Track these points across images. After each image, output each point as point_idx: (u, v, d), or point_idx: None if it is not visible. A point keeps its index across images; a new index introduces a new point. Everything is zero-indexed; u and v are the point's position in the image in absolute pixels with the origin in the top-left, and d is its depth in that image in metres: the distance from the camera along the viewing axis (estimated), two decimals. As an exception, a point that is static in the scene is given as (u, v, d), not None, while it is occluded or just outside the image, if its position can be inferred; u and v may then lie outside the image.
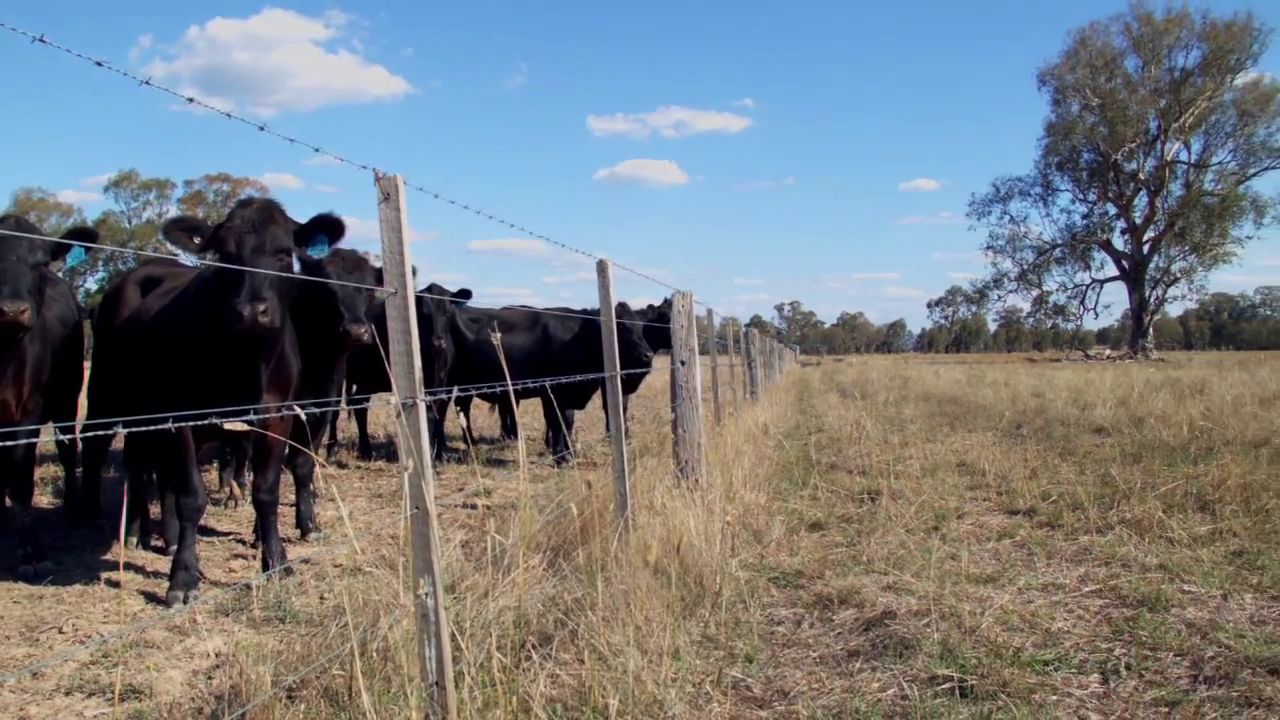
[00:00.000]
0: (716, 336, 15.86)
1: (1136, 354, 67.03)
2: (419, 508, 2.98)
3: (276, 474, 6.17)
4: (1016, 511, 7.45)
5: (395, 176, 2.99)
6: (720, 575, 5.13)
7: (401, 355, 2.99)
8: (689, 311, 7.43)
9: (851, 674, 4.05)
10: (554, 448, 11.61)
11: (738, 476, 7.52)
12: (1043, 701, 3.69)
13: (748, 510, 6.79)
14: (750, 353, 18.49)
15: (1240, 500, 7.24)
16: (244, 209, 5.35)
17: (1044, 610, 4.83)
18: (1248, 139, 69.00)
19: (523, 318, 12.24)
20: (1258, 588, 5.21)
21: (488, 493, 8.76)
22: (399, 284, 2.99)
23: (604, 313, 5.72)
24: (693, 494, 6.34)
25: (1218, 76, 67.75)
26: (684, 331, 7.36)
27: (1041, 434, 12.85)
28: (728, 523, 5.57)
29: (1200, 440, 10.81)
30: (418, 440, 2.96)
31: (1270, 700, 3.63)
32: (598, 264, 5.73)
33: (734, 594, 5.08)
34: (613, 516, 5.58)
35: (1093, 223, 73.84)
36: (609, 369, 5.70)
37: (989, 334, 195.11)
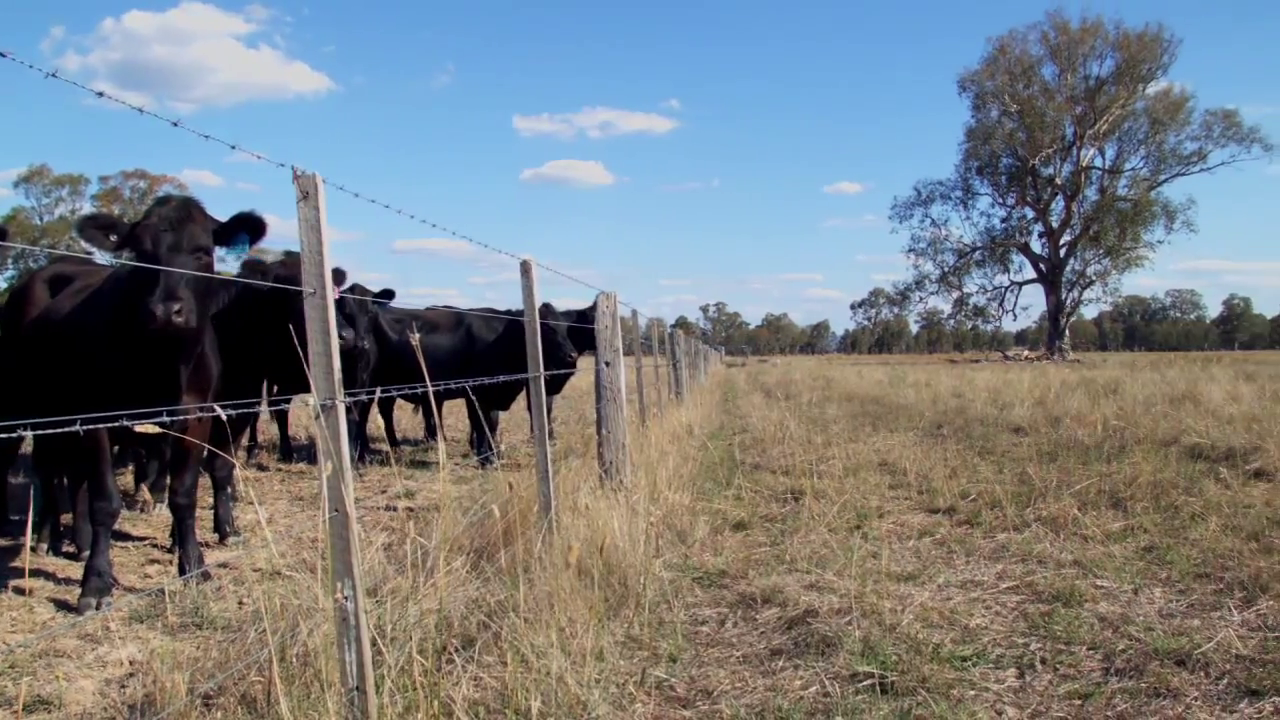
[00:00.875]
0: (642, 337, 15.88)
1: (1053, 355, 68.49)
2: (338, 510, 2.94)
3: (194, 477, 6.04)
4: (937, 510, 7.56)
5: (314, 175, 2.94)
6: (644, 576, 5.14)
7: (320, 356, 2.95)
8: (613, 312, 7.43)
9: (774, 672, 4.07)
10: (478, 449, 11.53)
11: (662, 477, 7.54)
12: (961, 696, 3.75)
13: (672, 511, 6.80)
14: (675, 354, 18.55)
15: (1151, 497, 7.42)
16: (162, 206, 5.23)
17: (963, 607, 4.90)
18: (1159, 146, 71.01)
19: (447, 318, 12.15)
20: (1166, 582, 5.35)
21: (410, 494, 8.69)
22: (318, 284, 2.94)
23: (528, 313, 5.70)
24: (617, 495, 6.34)
25: (1130, 85, 69.60)
26: (608, 332, 7.36)
27: (961, 434, 13.06)
28: (648, 523, 5.58)
29: (1113, 439, 11.06)
30: (337, 442, 2.92)
31: (1177, 690, 3.74)
32: (521, 264, 5.70)
33: (658, 594, 5.10)
34: (537, 518, 5.56)
35: (1011, 226, 75.34)
36: (532, 370, 5.68)
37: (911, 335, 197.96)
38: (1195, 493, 7.58)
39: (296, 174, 2.93)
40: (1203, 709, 3.58)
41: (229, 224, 5.41)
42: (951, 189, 76.06)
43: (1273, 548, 5.84)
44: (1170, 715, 3.54)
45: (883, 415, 16.67)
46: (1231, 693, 3.74)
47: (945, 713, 3.56)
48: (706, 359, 41.01)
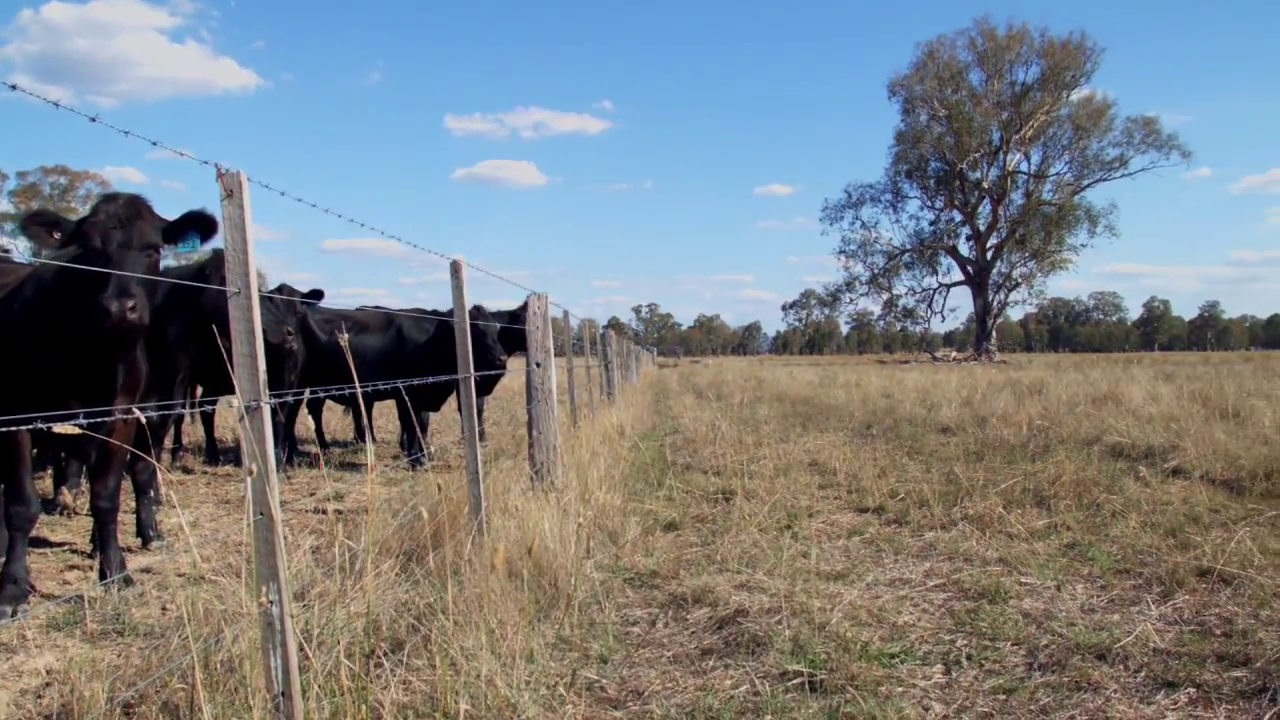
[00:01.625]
0: (574, 338, 15.85)
1: (980, 356, 69.58)
2: (263, 513, 2.90)
3: (117, 480, 5.91)
4: (866, 509, 7.64)
5: (239, 172, 2.90)
6: (575, 577, 5.13)
7: (245, 357, 2.90)
8: (545, 313, 7.41)
9: (705, 672, 4.09)
10: (408, 451, 11.43)
11: (593, 478, 7.53)
12: (889, 693, 3.79)
13: (603, 511, 6.80)
14: (607, 354, 18.54)
15: (1074, 495, 7.57)
16: (110, 203, 5.11)
17: (891, 605, 4.96)
18: (1082, 152, 72.57)
19: (377, 319, 12.03)
20: (1088, 578, 5.46)
21: (340, 497, 8.59)
22: (243, 283, 2.90)
23: (457, 314, 5.66)
24: (548, 496, 6.32)
25: (1055, 92, 71.01)
26: (539, 333, 7.34)
27: (890, 433, 13.22)
28: (579, 524, 5.57)
29: (1038, 439, 11.27)
30: (262, 444, 2.87)
31: (1098, 684, 3.82)
32: (451, 265, 5.66)
33: (589, 595, 5.09)
34: (467, 520, 5.53)
35: (940, 229, 76.44)
36: (463, 371, 5.64)
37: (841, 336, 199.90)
38: (1116, 491, 7.74)
39: (220, 172, 2.88)
40: (1122, 701, 3.66)
41: (179, 222, 5.31)
42: (881, 192, 77.06)
43: (1189, 544, 5.98)
44: (1091, 708, 3.62)
45: (813, 415, 16.81)
46: (1149, 685, 3.83)
47: (873, 710, 3.60)
48: (639, 360, 41.04)
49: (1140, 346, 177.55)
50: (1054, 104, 71.33)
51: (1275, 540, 6.11)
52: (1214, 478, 8.36)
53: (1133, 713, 3.57)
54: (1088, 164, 72.85)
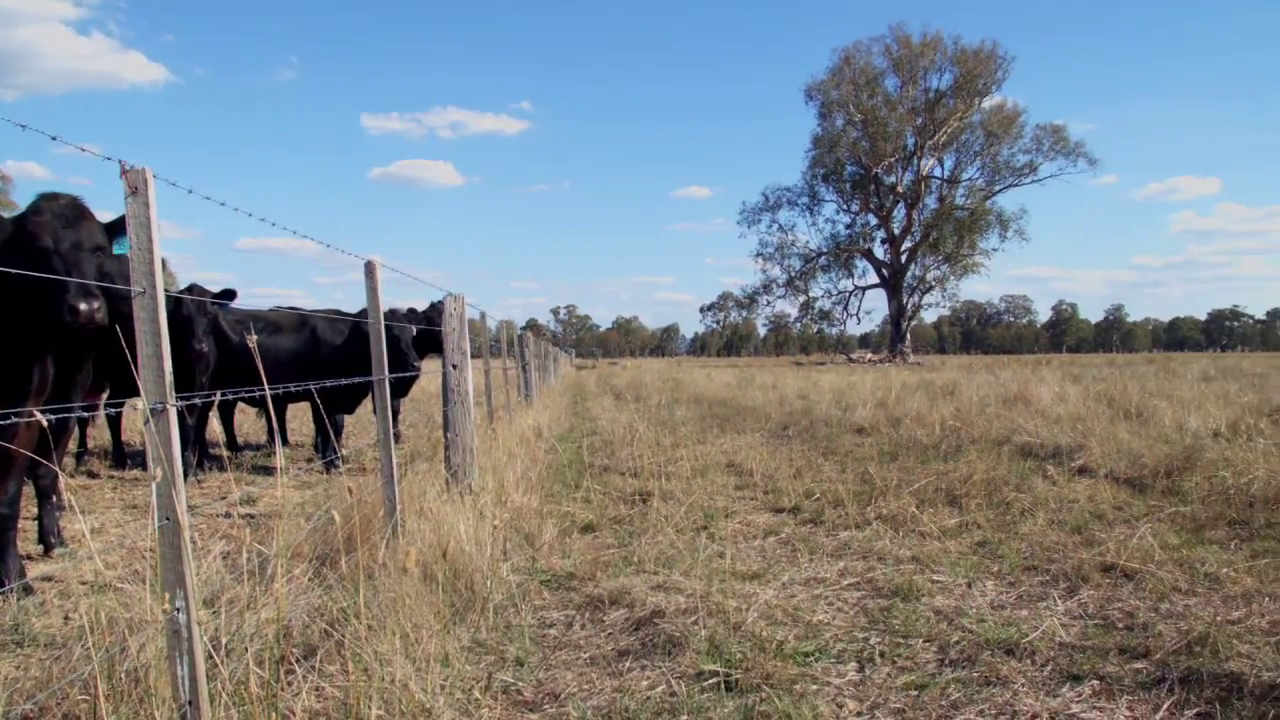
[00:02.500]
0: (491, 340, 15.76)
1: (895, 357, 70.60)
2: (170, 518, 2.84)
3: (18, 485, 5.74)
4: (782, 509, 7.70)
5: (143, 169, 2.83)
6: (491, 579, 5.10)
7: (151, 358, 2.84)
8: (461, 314, 7.36)
9: (622, 673, 4.09)
10: (323, 453, 11.27)
11: (510, 480, 7.49)
12: (804, 692, 3.83)
13: (520, 514, 6.77)
14: (525, 356, 18.47)
15: (984, 494, 7.71)
16: (51, 202, 4.99)
17: (806, 604, 5.01)
18: (993, 158, 74.08)
19: (291, 320, 11.83)
20: (998, 575, 5.57)
21: (252, 501, 8.44)
22: (148, 283, 2.83)
23: (372, 315, 5.60)
24: (464, 498, 6.28)
25: (968, 99, 72.38)
26: (456, 335, 7.28)
27: (806, 434, 13.34)
28: (495, 526, 5.54)
29: (950, 439, 11.46)
30: (168, 447, 2.81)
31: (1006, 678, 3.90)
32: (365, 265, 5.59)
33: (505, 598, 5.06)
34: (382, 523, 5.46)
35: (855, 232, 77.40)
36: (377, 373, 5.58)
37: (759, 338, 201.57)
38: (1025, 489, 7.90)
39: (124, 168, 2.82)
40: (1029, 695, 3.74)
41: (114, 223, 5.19)
42: (798, 195, 77.77)
43: (1094, 540, 6.14)
44: (999, 702, 3.69)
45: (730, 417, 16.91)
46: (1055, 678, 3.92)
47: (788, 708, 3.63)
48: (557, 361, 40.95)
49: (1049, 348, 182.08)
50: (966, 111, 72.70)
51: (1175, 536, 6.30)
52: (1118, 476, 8.57)
53: (1039, 706, 3.64)
54: (999, 170, 74.40)
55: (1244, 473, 7.67)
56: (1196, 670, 3.92)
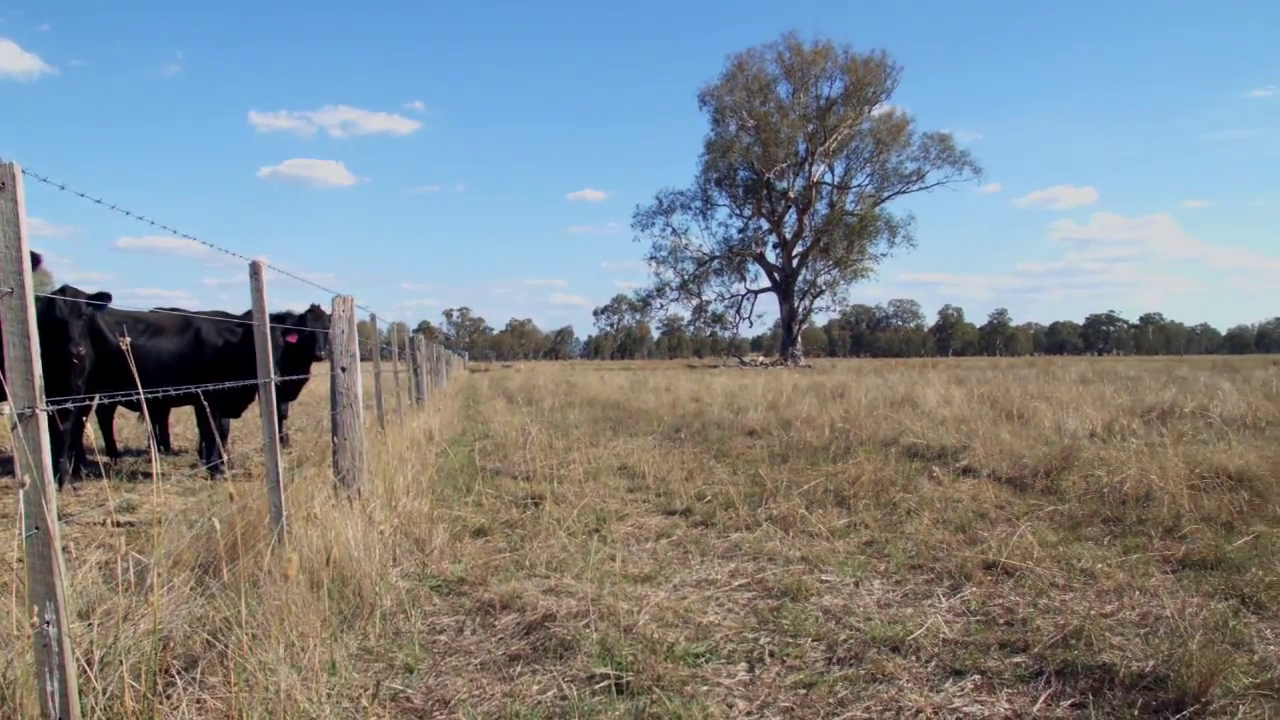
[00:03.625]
0: (382, 342, 15.55)
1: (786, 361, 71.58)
2: (39, 528, 2.73)
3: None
4: (674, 512, 7.74)
5: (11, 164, 2.72)
6: (380, 586, 5.03)
7: (19, 361, 2.73)
8: (350, 316, 7.24)
9: (512, 678, 4.06)
10: (207, 459, 10.98)
11: (400, 484, 7.40)
12: (694, 692, 3.85)
13: (410, 519, 6.68)
14: (416, 359, 18.26)
15: (872, 495, 7.85)
16: None
17: (697, 605, 5.04)
18: (882, 165, 75.64)
19: (174, 321, 11.50)
20: (884, 574, 5.67)
21: (132, 508, 8.18)
22: (15, 283, 2.72)
23: (257, 317, 5.47)
24: (353, 504, 6.18)
25: (858, 106, 73.71)
26: (345, 337, 7.16)
27: (699, 437, 13.43)
28: (382, 532, 5.47)
29: (840, 440, 11.64)
30: (37, 453, 2.71)
31: (892, 675, 3.98)
32: (251, 266, 5.46)
33: (395, 604, 5.00)
34: (268, 530, 5.34)
35: (748, 237, 78.20)
36: (263, 376, 5.46)
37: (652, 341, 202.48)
38: (911, 489, 8.07)
39: (-10, 164, 2.71)
40: (914, 691, 3.82)
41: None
42: (692, 199, 78.32)
43: (977, 539, 6.30)
44: (885, 699, 3.76)
45: (623, 420, 16.94)
46: (939, 674, 4.01)
47: (678, 709, 3.65)
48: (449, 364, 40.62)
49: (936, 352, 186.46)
50: (856, 118, 74.03)
51: (1053, 534, 6.50)
52: (1000, 476, 8.81)
53: (923, 701, 3.72)
54: (888, 177, 76.01)
55: (1117, 471, 7.94)
56: (1072, 662, 4.05)
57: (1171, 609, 4.60)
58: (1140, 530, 6.56)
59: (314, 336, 11.14)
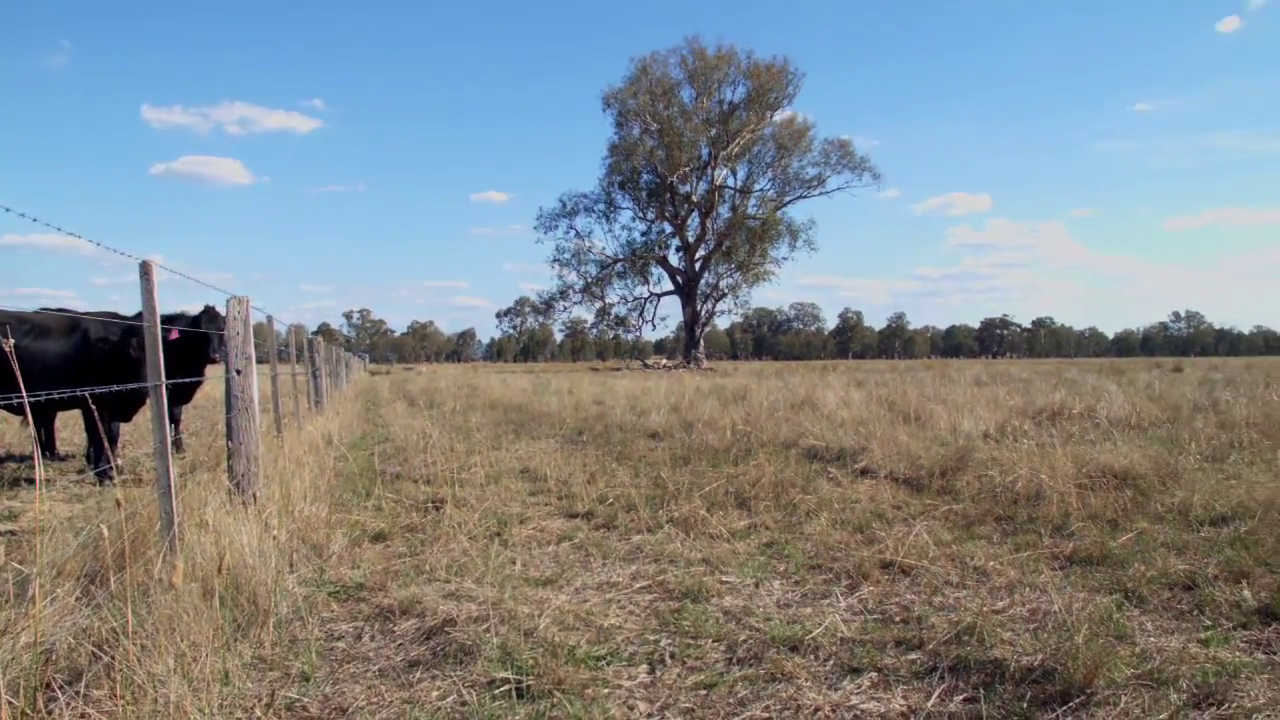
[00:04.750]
0: (280, 344, 15.27)
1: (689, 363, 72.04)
2: (-87, 537, 2.62)
3: None
4: (576, 515, 7.73)
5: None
6: (276, 593, 4.93)
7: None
8: (245, 318, 7.09)
9: (412, 684, 4.02)
10: (95, 464, 10.66)
11: (297, 489, 7.26)
12: (595, 696, 3.85)
13: (308, 524, 6.57)
14: (316, 361, 17.97)
15: (772, 496, 7.93)
16: None
17: (598, 608, 5.04)
18: (784, 170, 76.56)
19: (61, 322, 11.15)
20: (784, 574, 5.74)
21: (14, 516, 7.91)
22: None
23: (148, 318, 5.32)
24: (248, 509, 6.05)
25: (760, 111, 74.47)
26: (240, 339, 7.01)
27: (601, 439, 13.42)
28: (276, 537, 5.36)
29: (741, 443, 11.72)
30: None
31: (791, 674, 4.03)
32: (141, 265, 5.32)
33: (291, 611, 4.91)
34: (159, 537, 5.21)
35: (651, 240, 78.47)
36: (153, 378, 5.31)
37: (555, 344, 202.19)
38: (811, 491, 8.18)
39: None
40: (812, 689, 3.87)
41: None
42: (595, 202, 78.32)
43: (875, 539, 6.40)
44: (784, 698, 3.80)
45: (526, 423, 16.86)
46: (837, 672, 4.08)
47: (579, 712, 3.64)
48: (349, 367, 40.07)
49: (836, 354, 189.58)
50: (759, 123, 74.80)
51: (948, 533, 6.65)
52: (897, 476, 8.97)
53: (821, 699, 3.77)
54: (789, 181, 76.96)
55: (1009, 472, 8.14)
56: (965, 658, 4.14)
57: (1059, 604, 4.73)
58: (1031, 528, 6.74)
59: (208, 338, 10.88)
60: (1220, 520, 6.68)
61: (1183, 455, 9.32)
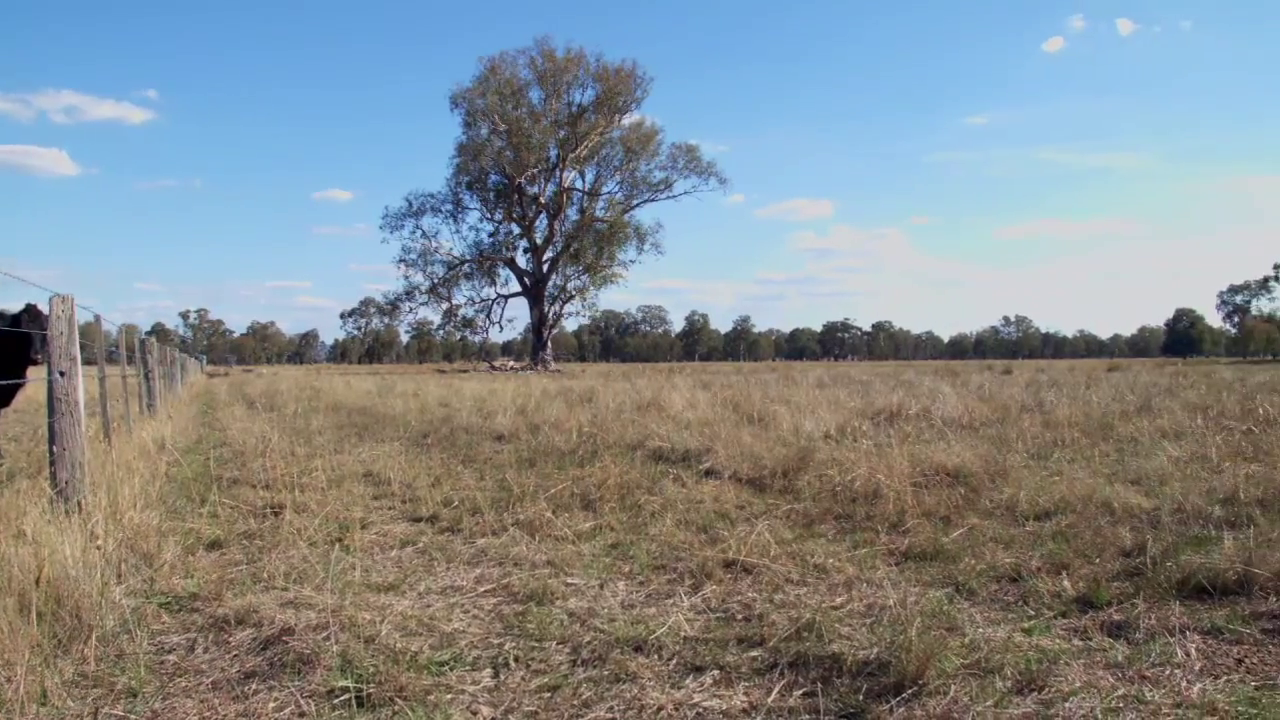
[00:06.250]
0: (110, 345, 14.66)
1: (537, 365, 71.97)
2: None
3: None
4: (420, 519, 7.62)
5: None
6: (102, 605, 4.72)
7: None
8: (70, 317, 6.78)
9: (247, 696, 3.90)
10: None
11: (127, 497, 6.95)
12: (438, 702, 3.80)
13: (138, 533, 6.30)
14: (148, 363, 17.31)
15: (618, 498, 7.97)
16: None
17: (442, 613, 4.98)
18: (632, 173, 77.34)
19: None
20: (629, 575, 5.77)
21: None
22: None
23: (-39, 318, 5.04)
24: (72, 518, 5.77)
25: (609, 115, 74.98)
26: (64, 339, 6.70)
27: (447, 442, 13.27)
28: (100, 547, 5.14)
29: (587, 444, 11.75)
30: None
31: (635, 674, 4.06)
32: (-47, 262, 5.03)
33: (118, 624, 4.70)
34: (-28, 549, 4.93)
35: (499, 241, 78.21)
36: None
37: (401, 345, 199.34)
38: (656, 492, 8.24)
39: None
40: (656, 689, 3.91)
41: None
42: (442, 202, 77.62)
43: (718, 538, 6.49)
44: (628, 698, 3.82)
45: (370, 425, 16.56)
46: (680, 671, 4.12)
47: (421, 719, 3.59)
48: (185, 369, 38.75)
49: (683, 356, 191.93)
50: (607, 126, 75.27)
51: (789, 531, 6.79)
52: (741, 477, 9.11)
53: (665, 698, 3.81)
54: (637, 185, 77.73)
55: (849, 471, 8.36)
56: (804, 654, 4.24)
57: (894, 599, 4.88)
58: (869, 526, 6.93)
59: (29, 339, 10.36)
60: (1044, 515, 6.99)
61: (1010, 453, 9.74)
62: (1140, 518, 6.68)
